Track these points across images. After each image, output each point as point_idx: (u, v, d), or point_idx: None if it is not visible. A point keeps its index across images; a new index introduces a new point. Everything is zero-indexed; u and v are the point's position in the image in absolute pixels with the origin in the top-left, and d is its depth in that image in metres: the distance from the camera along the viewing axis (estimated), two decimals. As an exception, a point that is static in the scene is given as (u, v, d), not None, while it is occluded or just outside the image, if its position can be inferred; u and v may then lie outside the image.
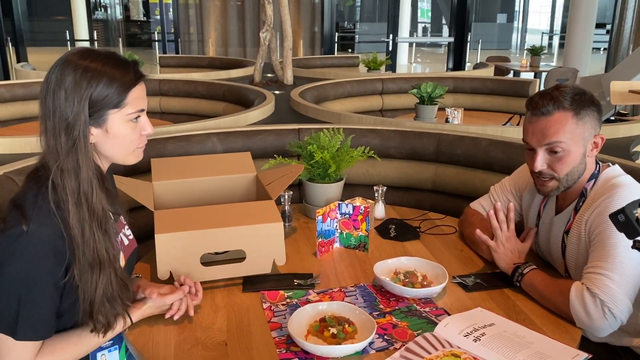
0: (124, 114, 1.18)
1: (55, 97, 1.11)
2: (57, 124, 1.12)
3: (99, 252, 1.15)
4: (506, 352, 1.17)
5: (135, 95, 1.19)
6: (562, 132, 1.42)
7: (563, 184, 1.47)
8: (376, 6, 20.98)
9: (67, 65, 1.13)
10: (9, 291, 1.09)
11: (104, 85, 1.13)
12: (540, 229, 1.63)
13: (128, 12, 19.27)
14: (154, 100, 4.25)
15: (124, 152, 1.23)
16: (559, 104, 1.42)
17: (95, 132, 1.17)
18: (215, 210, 1.59)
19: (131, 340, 1.26)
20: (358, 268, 1.61)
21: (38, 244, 1.09)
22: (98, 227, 1.15)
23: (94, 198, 1.14)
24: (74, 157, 1.12)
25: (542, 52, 8.12)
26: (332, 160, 1.91)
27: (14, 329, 1.10)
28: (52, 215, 1.11)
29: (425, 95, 3.54)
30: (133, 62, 1.22)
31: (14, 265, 1.08)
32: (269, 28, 4.74)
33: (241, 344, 1.24)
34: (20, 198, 1.14)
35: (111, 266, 1.17)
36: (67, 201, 1.11)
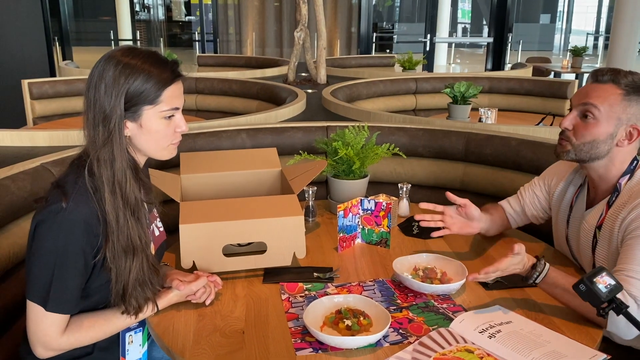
0: (158, 111, 1.23)
1: (96, 90, 1.18)
2: (96, 115, 1.18)
3: (132, 239, 1.21)
4: (521, 349, 1.16)
5: (171, 94, 1.24)
6: (602, 99, 1.42)
7: (575, 151, 1.47)
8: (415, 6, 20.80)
9: (109, 60, 1.20)
10: (44, 263, 1.16)
11: (141, 81, 1.19)
12: (571, 222, 1.61)
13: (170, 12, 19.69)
14: (190, 98, 4.34)
15: (157, 147, 1.28)
16: (616, 78, 1.43)
17: (131, 126, 1.23)
18: (239, 202, 1.62)
19: (153, 325, 1.30)
20: (378, 264, 1.62)
21: (74, 221, 1.16)
22: (131, 215, 1.21)
23: (127, 187, 1.20)
24: (109, 148, 1.18)
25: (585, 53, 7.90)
26: (357, 156, 1.92)
27: (45, 299, 1.17)
28: (90, 197, 1.18)
29: (459, 94, 3.51)
30: (172, 61, 1.26)
31: (50, 239, 1.16)
32: (303, 27, 4.78)
33: (258, 332, 1.26)
34: (62, 179, 1.22)
35: (143, 252, 1.24)
36: (102, 189, 1.18)
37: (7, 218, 1.56)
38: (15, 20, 6.09)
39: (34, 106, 4.02)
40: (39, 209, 1.19)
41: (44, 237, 1.16)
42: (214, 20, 10.17)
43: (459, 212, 1.68)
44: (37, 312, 1.18)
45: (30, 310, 1.19)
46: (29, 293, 1.19)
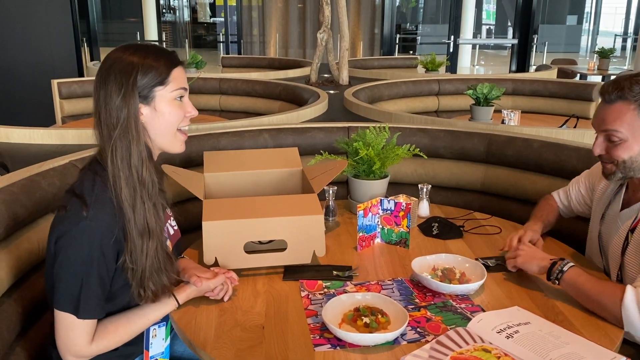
0: (168, 91, 1.28)
1: (107, 84, 1.22)
2: (109, 107, 1.22)
3: (149, 221, 1.24)
4: (539, 350, 1.17)
5: (177, 75, 1.30)
6: (619, 121, 1.41)
7: (620, 170, 1.46)
8: (439, 8, 20.68)
9: (114, 57, 1.26)
10: (72, 272, 1.20)
11: (149, 67, 1.25)
12: (605, 219, 1.60)
13: (195, 14, 19.92)
14: (214, 99, 4.41)
15: (169, 130, 1.32)
16: (623, 94, 1.41)
17: (145, 111, 1.27)
18: (260, 201, 1.65)
19: (175, 319, 1.33)
20: (397, 263, 1.63)
21: (96, 228, 1.19)
22: (148, 199, 1.25)
23: (144, 170, 1.24)
24: (125, 134, 1.22)
25: (613, 55, 7.77)
26: (377, 157, 1.93)
27: (77, 308, 1.20)
28: (108, 201, 1.22)
29: (481, 96, 3.50)
30: (172, 51, 1.34)
31: (75, 249, 1.19)
32: (326, 29, 4.80)
33: (277, 328, 1.29)
34: (78, 187, 1.25)
35: (158, 237, 1.27)
36: (120, 177, 1.22)
37: (37, 213, 1.61)
38: (45, 22, 6.24)
39: (62, 105, 4.12)
40: (59, 220, 1.22)
41: (69, 248, 1.19)
42: (238, 21, 10.27)
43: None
44: (68, 322, 1.21)
45: (60, 320, 1.22)
46: (59, 303, 1.21)
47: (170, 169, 1.74)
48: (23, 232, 1.53)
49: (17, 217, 1.46)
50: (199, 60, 5.46)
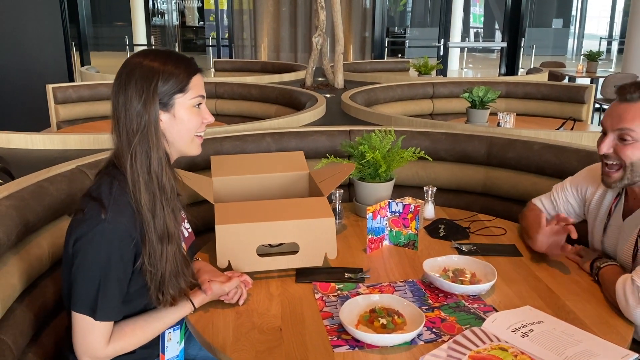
0: (188, 99, 1.29)
1: (126, 91, 1.23)
2: (129, 113, 1.23)
3: (168, 225, 1.25)
4: (554, 348, 1.19)
5: (197, 82, 1.31)
6: (638, 121, 1.42)
7: (627, 175, 1.47)
8: (427, 11, 20.83)
9: (134, 63, 1.26)
10: (90, 275, 1.20)
11: (169, 74, 1.26)
12: (608, 231, 1.62)
13: (184, 18, 19.88)
14: (210, 103, 4.38)
15: (187, 136, 1.33)
16: None
17: (164, 118, 1.28)
18: (272, 204, 1.66)
19: (193, 323, 1.34)
20: (407, 265, 1.65)
21: (115, 231, 1.20)
22: (167, 204, 1.26)
23: (163, 176, 1.25)
24: (145, 140, 1.23)
25: (600, 58, 7.88)
26: (383, 160, 1.96)
27: (94, 309, 1.21)
28: (126, 204, 1.22)
29: (477, 99, 3.54)
30: (190, 57, 1.35)
31: (93, 252, 1.20)
32: (321, 33, 4.83)
33: (295, 330, 1.30)
34: (95, 190, 1.25)
35: (176, 241, 1.28)
36: (139, 182, 1.22)
37: (46, 219, 1.61)
38: (35, 27, 6.21)
39: (58, 110, 4.09)
40: (77, 223, 1.22)
41: (87, 251, 1.20)
42: (229, 25, 10.27)
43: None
44: (85, 324, 1.22)
45: (78, 322, 1.22)
46: (76, 305, 1.22)
47: (181, 173, 1.74)
48: (33, 238, 1.52)
49: (27, 222, 1.46)
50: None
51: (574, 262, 1.63)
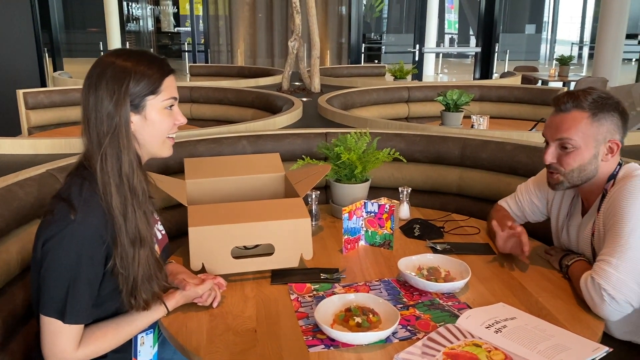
0: (160, 100, 1.28)
1: (97, 91, 1.21)
2: (100, 114, 1.22)
3: (140, 229, 1.24)
4: (527, 343, 1.20)
5: (169, 84, 1.30)
6: (574, 129, 1.47)
7: (568, 180, 1.52)
8: (403, 18, 21.05)
9: (106, 62, 1.25)
10: (59, 278, 1.18)
11: (142, 75, 1.24)
12: (570, 232, 1.65)
13: (159, 24, 19.73)
14: (185, 107, 4.37)
15: (159, 138, 1.32)
16: (578, 103, 1.47)
17: (135, 119, 1.26)
18: (246, 206, 1.65)
19: (166, 326, 1.32)
20: (383, 264, 1.66)
21: (84, 232, 1.18)
22: (138, 206, 1.24)
23: (134, 178, 1.23)
24: (115, 142, 1.21)
25: (571, 62, 8.05)
26: (359, 161, 1.96)
27: (62, 312, 1.18)
28: (97, 205, 1.20)
29: (451, 102, 3.58)
30: (163, 58, 1.34)
31: (63, 254, 1.17)
32: (297, 37, 4.84)
33: (270, 331, 1.29)
34: (65, 192, 1.23)
35: (149, 245, 1.26)
36: (110, 184, 1.21)
37: (14, 223, 1.57)
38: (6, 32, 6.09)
39: (29, 116, 4.02)
40: (46, 224, 1.20)
41: (56, 252, 1.17)
42: (205, 30, 10.23)
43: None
44: (53, 327, 1.19)
45: (46, 326, 1.19)
46: (44, 308, 1.19)
47: (152, 176, 1.72)
48: (1, 243, 1.49)
49: (-5, 227, 1.43)
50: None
51: (547, 260, 1.66)
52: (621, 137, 1.51)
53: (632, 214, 1.37)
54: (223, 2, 10.22)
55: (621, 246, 1.35)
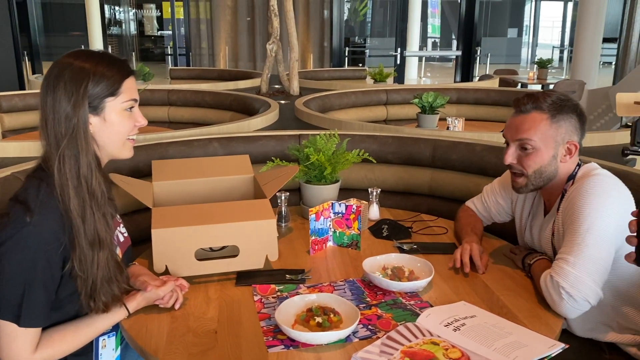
0: (119, 102, 1.28)
1: (55, 92, 1.20)
2: (57, 115, 1.21)
3: (99, 232, 1.22)
4: (484, 340, 1.21)
5: (129, 86, 1.29)
6: (533, 130, 1.49)
7: (531, 182, 1.54)
8: (386, 22, 21.16)
9: (64, 63, 1.24)
10: (14, 279, 1.16)
11: (100, 76, 1.23)
12: (533, 232, 1.67)
13: (142, 27, 19.63)
14: (163, 110, 4.35)
15: (119, 140, 1.31)
16: (538, 104, 1.49)
17: (94, 121, 1.26)
18: (211, 207, 1.65)
19: (126, 328, 1.31)
20: (349, 265, 1.66)
21: (40, 234, 1.16)
22: (97, 209, 1.23)
23: (93, 181, 1.22)
24: (73, 144, 1.20)
25: (551, 65, 8.16)
26: (328, 162, 1.97)
27: (18, 315, 1.16)
28: (54, 207, 1.19)
29: (427, 104, 3.60)
30: (124, 59, 1.33)
31: (19, 255, 1.16)
32: (275, 40, 4.84)
33: (230, 332, 1.29)
34: (22, 194, 1.22)
35: (108, 247, 1.25)
36: (68, 186, 1.19)
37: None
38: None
39: (2, 119, 3.97)
40: (2, 227, 1.18)
41: (12, 254, 1.16)
42: (186, 34, 10.20)
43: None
44: (9, 331, 1.17)
45: (2, 330, 1.18)
46: (0, 312, 1.17)
47: (118, 178, 1.71)
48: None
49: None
50: (146, 73, 5.38)
51: (511, 259, 1.68)
52: (579, 139, 1.53)
53: (589, 212, 1.39)
54: (205, 5, 10.20)
55: (578, 245, 1.37)
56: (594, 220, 1.37)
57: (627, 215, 1.42)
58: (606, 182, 1.45)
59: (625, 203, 1.43)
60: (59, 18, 17.94)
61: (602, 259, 1.36)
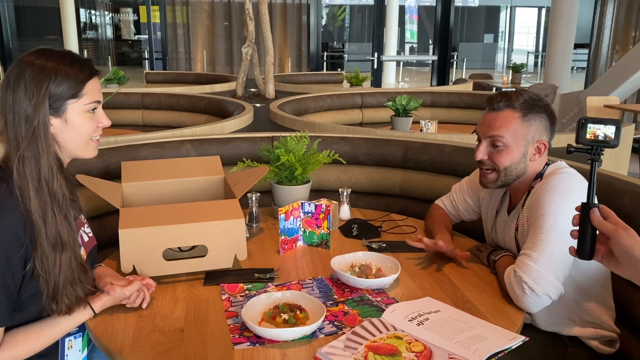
0: (81, 104, 1.26)
1: (15, 91, 1.19)
2: (17, 115, 1.19)
3: (61, 233, 1.21)
4: (446, 334, 1.24)
5: (92, 87, 1.28)
6: (505, 128, 1.52)
7: (502, 178, 1.57)
8: (364, 27, 21.31)
9: (25, 62, 1.22)
10: None
11: (62, 77, 1.22)
12: (498, 228, 1.71)
13: (119, 31, 19.44)
14: (137, 114, 4.32)
15: (81, 141, 1.30)
16: (510, 103, 1.53)
17: (55, 123, 1.24)
18: (180, 207, 1.65)
19: (92, 328, 1.31)
20: (318, 263, 1.68)
21: (0, 234, 1.15)
22: (59, 211, 1.22)
23: (54, 183, 1.21)
24: (34, 146, 1.19)
25: (525, 70, 8.31)
26: (298, 162, 1.98)
27: None
28: (13, 206, 1.18)
29: (400, 107, 3.65)
30: (88, 59, 1.31)
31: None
32: (250, 43, 4.85)
33: (197, 330, 1.29)
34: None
35: (71, 249, 1.24)
36: (28, 188, 1.18)
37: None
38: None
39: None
40: None
41: None
42: (162, 38, 10.14)
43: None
44: None
45: None
46: None
47: (86, 179, 1.70)
48: None
49: None
50: (121, 76, 5.34)
51: (476, 257, 1.71)
52: (549, 139, 1.58)
53: (553, 209, 1.43)
54: (182, 10, 10.16)
55: (541, 241, 1.40)
56: (557, 217, 1.41)
57: None
58: (571, 179, 1.49)
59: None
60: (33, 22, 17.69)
61: (564, 255, 1.39)
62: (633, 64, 6.27)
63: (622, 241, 0.95)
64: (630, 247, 0.94)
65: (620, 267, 0.98)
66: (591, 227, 0.99)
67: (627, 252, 0.95)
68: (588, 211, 0.99)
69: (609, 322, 1.55)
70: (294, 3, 10.18)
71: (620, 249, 0.96)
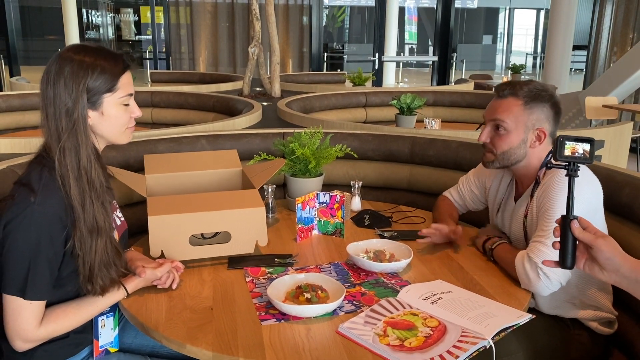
0: (116, 98, 1.36)
1: (55, 86, 1.28)
2: (58, 109, 1.29)
3: (97, 220, 1.30)
4: (459, 311, 1.33)
5: (125, 81, 1.38)
6: (507, 113, 1.63)
7: (499, 160, 1.68)
8: (364, 28, 21.42)
9: (64, 58, 1.31)
10: (19, 257, 1.24)
11: (99, 73, 1.31)
12: (505, 215, 1.80)
13: (120, 31, 19.52)
14: (146, 112, 4.41)
15: (117, 131, 1.40)
16: (515, 91, 1.64)
17: (92, 115, 1.34)
18: (204, 197, 1.74)
19: (126, 307, 1.40)
20: (334, 250, 1.77)
21: (44, 213, 1.25)
22: (96, 198, 1.31)
23: (92, 172, 1.31)
24: (74, 137, 1.29)
25: (524, 71, 8.41)
26: (312, 156, 2.07)
27: (23, 290, 1.24)
28: (56, 189, 1.27)
29: (405, 106, 3.74)
30: (120, 53, 1.41)
31: (24, 233, 1.24)
32: (257, 43, 4.94)
33: (225, 308, 1.38)
34: (25, 177, 1.30)
35: (107, 234, 1.33)
36: (68, 176, 1.28)
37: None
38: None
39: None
40: (7, 207, 1.26)
41: (16, 233, 1.24)
42: (166, 38, 10.22)
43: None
44: (15, 305, 1.25)
45: (8, 304, 1.25)
46: (6, 288, 1.25)
47: (114, 170, 1.79)
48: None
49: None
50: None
51: None
52: (551, 128, 1.67)
53: (564, 199, 1.51)
54: (185, 10, 10.25)
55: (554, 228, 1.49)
56: None
57: (596, 203, 1.57)
58: (580, 172, 1.58)
59: (595, 192, 1.57)
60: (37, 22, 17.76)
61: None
62: (631, 65, 6.38)
63: (603, 249, 1.05)
64: (612, 254, 1.04)
65: (604, 272, 1.07)
66: (572, 238, 1.08)
67: (610, 259, 1.05)
68: (568, 223, 1.07)
69: (608, 304, 1.65)
70: (296, 4, 10.28)
71: (602, 256, 1.05)
